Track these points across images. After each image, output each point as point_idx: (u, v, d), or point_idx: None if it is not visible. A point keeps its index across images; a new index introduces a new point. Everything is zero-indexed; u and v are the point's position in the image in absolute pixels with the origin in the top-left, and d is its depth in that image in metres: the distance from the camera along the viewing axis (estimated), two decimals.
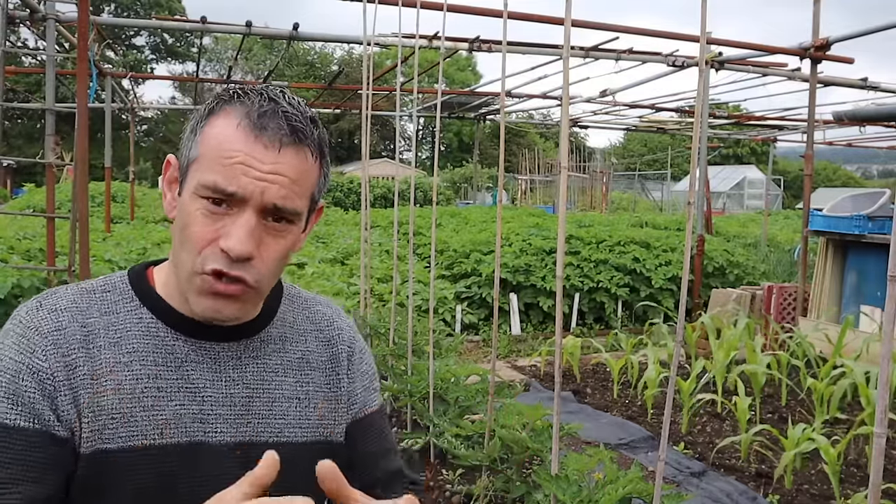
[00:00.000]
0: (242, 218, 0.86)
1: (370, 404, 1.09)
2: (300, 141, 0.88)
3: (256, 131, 0.86)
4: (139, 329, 0.92)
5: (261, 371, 0.97)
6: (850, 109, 7.26)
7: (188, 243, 0.88)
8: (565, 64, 1.79)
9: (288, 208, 0.88)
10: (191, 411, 0.91)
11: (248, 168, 0.85)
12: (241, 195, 0.85)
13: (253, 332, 0.98)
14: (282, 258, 0.92)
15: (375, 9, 4.26)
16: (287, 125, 0.87)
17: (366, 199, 3.87)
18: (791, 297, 5.78)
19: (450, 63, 33.76)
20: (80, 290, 0.94)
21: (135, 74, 11.93)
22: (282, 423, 0.97)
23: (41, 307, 0.90)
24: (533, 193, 22.48)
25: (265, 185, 0.86)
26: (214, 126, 0.88)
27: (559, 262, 1.78)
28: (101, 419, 0.86)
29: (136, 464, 0.86)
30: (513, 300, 6.66)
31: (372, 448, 1.08)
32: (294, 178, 0.88)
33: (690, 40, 6.51)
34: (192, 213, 0.88)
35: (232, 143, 0.86)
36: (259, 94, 0.89)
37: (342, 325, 1.09)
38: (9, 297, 4.39)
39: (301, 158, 0.89)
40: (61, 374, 0.86)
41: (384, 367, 3.68)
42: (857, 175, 44.15)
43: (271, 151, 0.86)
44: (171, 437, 0.89)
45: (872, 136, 14.08)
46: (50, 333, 0.87)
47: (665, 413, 1.62)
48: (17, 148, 25.73)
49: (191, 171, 0.89)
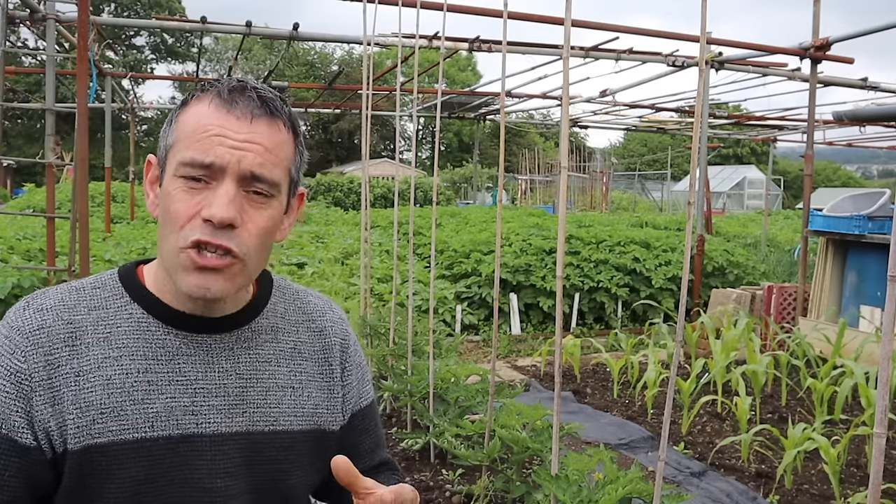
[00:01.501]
0: (222, 188, 0.87)
1: (365, 397, 1.11)
2: (271, 113, 0.91)
3: (228, 105, 0.89)
4: (129, 324, 0.92)
5: (253, 361, 0.97)
6: (850, 109, 7.26)
7: (171, 222, 0.88)
8: (565, 64, 1.79)
9: (266, 176, 0.89)
10: (182, 404, 0.91)
11: (224, 138, 0.87)
12: (218, 164, 0.87)
13: (244, 323, 0.98)
14: (266, 233, 0.92)
15: (375, 9, 4.26)
16: (257, 97, 0.90)
17: (366, 199, 3.87)
18: (791, 297, 5.78)
19: (450, 63, 33.76)
20: (69, 288, 0.95)
21: (135, 74, 11.94)
22: (277, 411, 0.97)
23: (28, 307, 0.91)
24: (533, 193, 22.49)
25: (241, 153, 0.87)
26: (188, 112, 0.91)
27: (559, 262, 1.78)
28: (89, 414, 0.86)
29: (127, 457, 0.87)
30: (513, 300, 6.66)
31: (366, 440, 1.10)
32: (269, 146, 0.90)
33: (690, 40, 6.51)
34: (173, 193, 0.88)
35: (205, 118, 0.89)
36: (228, 79, 0.93)
37: (333, 318, 1.09)
38: (9, 297, 4.39)
39: (274, 129, 0.91)
40: (41, 373, 0.86)
41: (384, 367, 3.68)
42: (857, 175, 44.15)
43: (244, 122, 0.88)
44: (163, 430, 0.89)
45: (872, 136, 14.08)
46: (32, 333, 0.88)
47: (665, 413, 1.62)
48: (17, 148, 25.74)
49: (169, 158, 0.91)
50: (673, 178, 26.85)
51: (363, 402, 1.10)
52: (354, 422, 1.07)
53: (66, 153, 13.68)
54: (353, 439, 1.07)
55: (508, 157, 26.99)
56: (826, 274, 5.66)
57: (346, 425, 1.06)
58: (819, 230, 5.68)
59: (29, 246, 6.35)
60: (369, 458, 1.10)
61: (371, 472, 1.10)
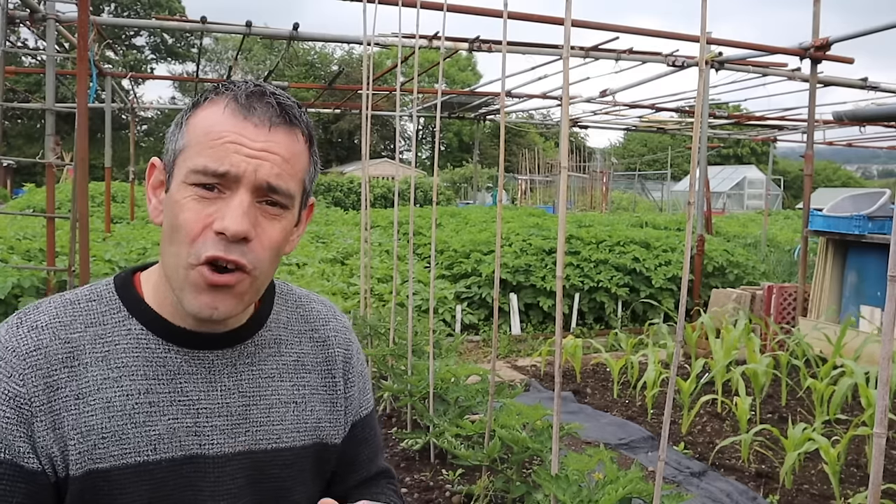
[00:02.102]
0: (236, 199, 0.82)
1: (366, 406, 1.09)
2: (290, 122, 0.86)
3: (245, 111, 0.84)
4: (128, 342, 0.88)
5: (256, 377, 0.95)
6: (850, 109, 7.26)
7: (179, 234, 0.83)
8: (565, 64, 1.79)
9: (282, 188, 0.85)
10: (185, 424, 0.88)
11: (240, 146, 0.82)
12: (233, 174, 0.82)
13: (247, 337, 0.95)
14: (279, 246, 0.88)
15: (375, 9, 4.26)
16: (276, 105, 0.86)
17: (366, 199, 3.87)
18: (791, 297, 5.78)
19: (451, 63, 33.76)
20: (63, 301, 0.89)
21: (135, 74, 11.93)
22: (280, 428, 0.95)
23: (21, 324, 0.86)
24: (533, 193, 22.49)
25: (258, 162, 0.82)
26: (200, 115, 0.86)
27: (559, 262, 1.78)
28: (90, 439, 0.83)
29: (130, 481, 0.85)
30: (513, 300, 6.66)
31: (366, 449, 1.09)
32: (286, 157, 0.85)
33: (690, 40, 6.51)
34: (182, 201, 0.83)
35: (220, 124, 0.83)
36: (244, 82, 0.88)
37: (337, 326, 1.07)
38: (9, 297, 4.40)
39: (292, 139, 0.87)
40: (41, 397, 0.82)
41: (384, 367, 3.68)
42: (857, 175, 44.15)
43: (262, 130, 0.84)
44: (166, 452, 0.86)
45: (872, 136, 14.08)
46: (29, 355, 0.83)
47: (665, 413, 1.62)
48: (17, 148, 25.73)
49: (178, 164, 0.85)
50: (673, 178, 26.86)
51: (363, 411, 1.08)
52: (354, 431, 1.06)
53: (66, 153, 13.69)
54: (352, 449, 1.06)
55: (508, 157, 26.99)
56: (826, 274, 5.66)
57: (347, 436, 1.05)
58: (819, 230, 5.68)
59: (29, 246, 6.34)
60: (367, 468, 1.09)
61: (368, 482, 1.09)
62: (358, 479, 1.08)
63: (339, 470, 1.06)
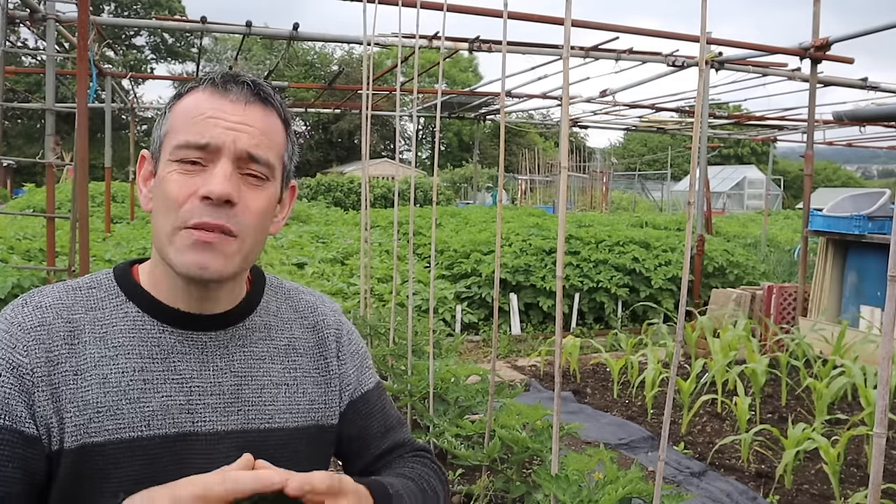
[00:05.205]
0: (218, 167, 0.88)
1: (365, 383, 1.11)
2: (264, 100, 0.93)
3: (222, 91, 0.91)
4: (125, 324, 0.92)
5: (248, 359, 0.98)
6: (850, 109, 7.26)
7: (167, 204, 0.88)
8: (565, 64, 1.79)
9: (261, 157, 0.90)
10: (178, 402, 0.91)
11: (219, 119, 0.89)
12: (214, 144, 0.88)
13: (238, 320, 0.99)
14: (263, 214, 0.92)
15: (375, 9, 4.26)
16: (251, 85, 0.92)
17: (366, 199, 3.87)
18: (791, 298, 5.78)
19: (451, 63, 33.77)
20: (65, 287, 0.95)
21: (135, 74, 11.94)
22: (272, 409, 0.98)
23: (26, 304, 0.91)
24: (533, 193, 22.49)
25: (236, 133, 0.89)
26: (182, 102, 0.93)
27: (559, 262, 1.78)
28: (86, 413, 0.86)
29: (123, 456, 0.87)
30: (513, 300, 6.66)
31: (373, 425, 1.10)
32: (263, 129, 0.91)
33: (690, 40, 6.51)
34: (167, 176, 0.89)
35: (200, 103, 0.90)
36: (220, 69, 0.97)
37: (326, 311, 1.10)
38: (9, 297, 4.40)
39: (267, 114, 0.93)
40: (42, 369, 0.86)
41: (384, 367, 3.68)
42: (857, 175, 44.15)
43: (238, 105, 0.90)
44: (159, 429, 0.89)
45: (872, 136, 14.09)
46: (33, 329, 0.88)
47: (665, 413, 1.62)
48: (17, 148, 25.73)
49: (163, 147, 0.92)
50: (673, 178, 26.86)
51: (364, 387, 1.10)
52: (357, 408, 1.08)
53: (66, 153, 13.68)
54: (359, 426, 1.08)
55: (508, 157, 26.99)
56: (826, 274, 5.66)
57: (349, 413, 1.06)
58: (819, 230, 5.68)
59: (29, 246, 6.35)
60: (381, 440, 1.11)
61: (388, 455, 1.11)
62: (375, 453, 1.10)
63: (353, 448, 1.08)
